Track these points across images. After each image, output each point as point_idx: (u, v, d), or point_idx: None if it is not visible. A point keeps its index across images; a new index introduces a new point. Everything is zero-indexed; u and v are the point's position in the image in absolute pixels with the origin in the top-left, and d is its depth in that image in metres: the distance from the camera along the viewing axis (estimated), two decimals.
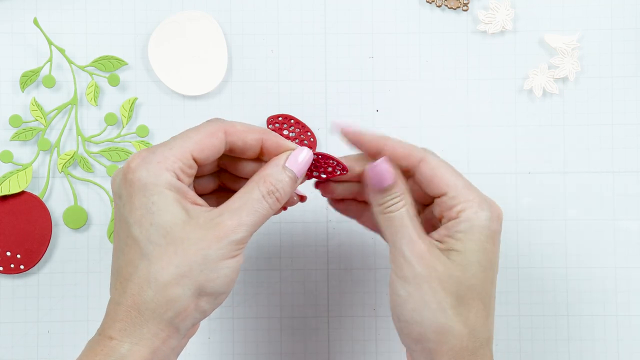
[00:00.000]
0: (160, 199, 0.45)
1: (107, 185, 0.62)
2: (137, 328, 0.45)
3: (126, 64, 0.62)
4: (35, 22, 0.61)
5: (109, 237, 0.61)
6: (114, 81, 0.62)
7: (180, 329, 0.45)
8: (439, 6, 0.63)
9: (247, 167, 0.50)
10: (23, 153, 0.62)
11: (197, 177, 0.49)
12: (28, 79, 0.62)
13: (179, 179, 0.46)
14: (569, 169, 0.63)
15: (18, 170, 0.61)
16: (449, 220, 0.48)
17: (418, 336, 0.48)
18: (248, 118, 0.63)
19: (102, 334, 0.45)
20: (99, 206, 0.62)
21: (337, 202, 0.54)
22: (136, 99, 0.62)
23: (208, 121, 0.49)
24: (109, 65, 0.62)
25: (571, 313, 0.62)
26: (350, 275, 0.62)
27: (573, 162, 0.63)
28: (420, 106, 0.63)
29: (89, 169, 0.62)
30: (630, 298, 0.62)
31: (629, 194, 0.63)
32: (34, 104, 0.61)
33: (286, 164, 0.48)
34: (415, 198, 0.50)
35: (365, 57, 0.63)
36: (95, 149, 0.62)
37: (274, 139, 0.49)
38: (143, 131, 0.62)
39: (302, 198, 0.52)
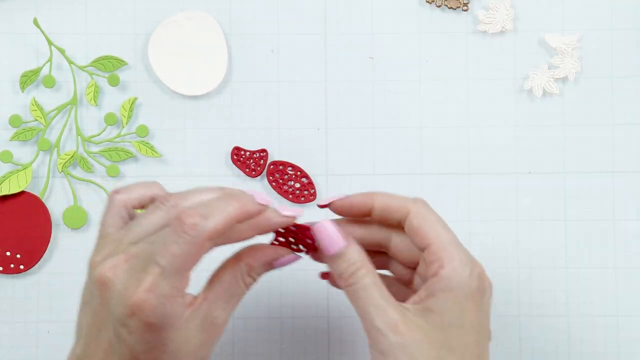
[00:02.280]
0: (178, 335, 0.44)
1: (107, 185, 0.62)
2: None
3: (126, 64, 0.62)
4: (35, 22, 0.61)
5: None
6: (114, 81, 0.62)
7: None
8: (439, 6, 0.63)
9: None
10: (23, 153, 0.62)
11: None
12: (28, 79, 0.62)
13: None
14: (569, 169, 0.63)
15: (18, 170, 0.61)
16: (430, 277, 0.46)
17: None
18: (248, 118, 0.63)
19: None
20: (99, 206, 0.62)
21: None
22: (136, 99, 0.62)
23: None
24: (109, 65, 0.62)
25: (571, 313, 0.62)
26: None
27: (573, 162, 0.63)
28: (420, 106, 0.63)
29: (88, 169, 0.62)
30: (630, 298, 0.62)
31: (629, 194, 0.63)
32: (34, 104, 0.62)
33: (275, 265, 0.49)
34: (406, 259, 0.49)
35: (365, 57, 0.63)
36: (95, 149, 0.62)
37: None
38: (143, 131, 0.62)
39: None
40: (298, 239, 0.49)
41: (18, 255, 0.61)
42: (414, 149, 0.63)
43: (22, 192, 0.61)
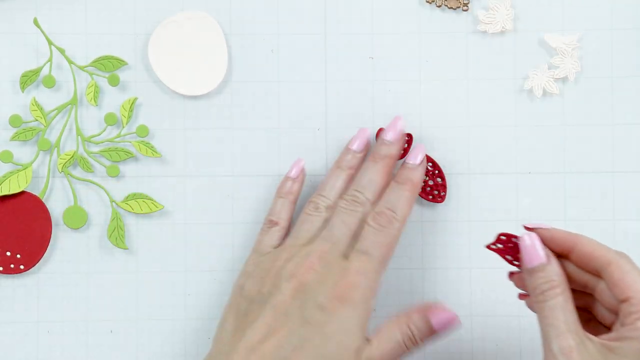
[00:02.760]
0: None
1: (107, 185, 0.62)
2: None
3: (126, 64, 0.62)
4: (35, 22, 0.61)
5: (109, 237, 0.61)
6: (114, 81, 0.62)
7: None
8: (439, 6, 0.63)
9: None
10: (23, 153, 0.62)
11: None
12: (28, 79, 0.62)
13: None
14: (569, 169, 0.63)
15: (18, 170, 0.61)
16: (625, 325, 0.46)
17: None
18: (248, 118, 0.63)
19: None
20: (99, 206, 0.62)
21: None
22: (136, 99, 0.62)
23: None
24: (109, 65, 0.62)
25: None
26: None
27: (573, 162, 0.63)
28: (420, 106, 0.63)
29: (89, 169, 0.62)
30: None
31: (629, 194, 0.63)
32: (34, 104, 0.61)
33: (431, 318, 0.52)
34: (606, 304, 0.49)
35: (365, 57, 0.63)
36: (95, 149, 0.62)
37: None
38: (143, 131, 0.62)
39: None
40: (510, 250, 0.52)
41: (18, 255, 0.61)
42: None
43: (22, 192, 0.61)
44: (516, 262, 0.53)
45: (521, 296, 0.54)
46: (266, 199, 0.62)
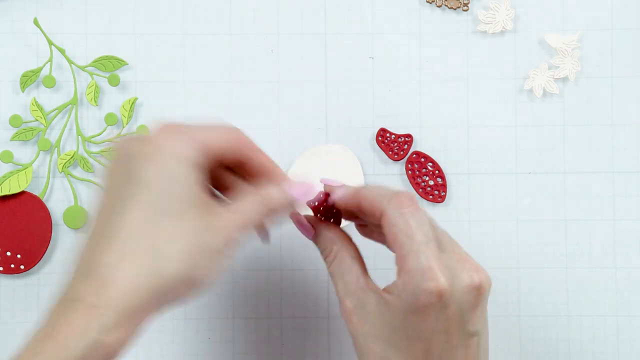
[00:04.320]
0: (186, 171, 0.43)
1: None
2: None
3: (126, 64, 0.62)
4: (35, 22, 0.61)
5: None
6: (114, 81, 0.62)
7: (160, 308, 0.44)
8: (439, 6, 0.63)
9: (235, 181, 0.50)
10: (23, 153, 0.62)
11: None
12: (28, 79, 0.62)
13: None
14: (569, 169, 0.63)
15: (18, 170, 0.61)
16: (397, 279, 0.45)
17: None
18: (248, 118, 0.63)
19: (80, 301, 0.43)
20: None
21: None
22: (136, 99, 0.62)
23: (227, 126, 0.48)
24: (109, 65, 0.62)
25: (571, 313, 0.62)
26: None
27: (573, 162, 0.63)
28: (420, 106, 0.63)
29: (89, 169, 0.62)
30: (630, 298, 0.62)
31: (629, 194, 0.63)
32: (34, 104, 0.62)
33: (292, 192, 0.48)
34: None
35: (365, 57, 0.63)
36: (95, 149, 0.62)
37: (278, 172, 0.49)
38: (143, 131, 0.62)
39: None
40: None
41: (18, 255, 0.61)
42: (414, 149, 0.63)
43: (23, 192, 0.61)
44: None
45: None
46: None
